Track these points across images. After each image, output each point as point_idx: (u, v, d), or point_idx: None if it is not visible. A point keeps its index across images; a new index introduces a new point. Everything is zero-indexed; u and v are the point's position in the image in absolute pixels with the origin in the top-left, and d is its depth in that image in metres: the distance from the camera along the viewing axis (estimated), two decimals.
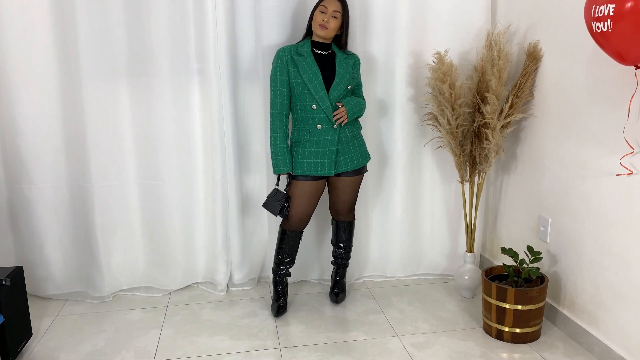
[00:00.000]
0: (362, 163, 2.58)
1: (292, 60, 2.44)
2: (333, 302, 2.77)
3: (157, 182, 2.80)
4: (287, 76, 2.45)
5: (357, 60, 2.58)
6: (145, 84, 2.69)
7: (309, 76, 2.43)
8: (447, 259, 3.06)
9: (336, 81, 2.46)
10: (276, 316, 2.63)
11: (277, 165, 2.47)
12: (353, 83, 2.55)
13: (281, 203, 2.49)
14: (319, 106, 2.44)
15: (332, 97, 2.45)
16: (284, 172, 2.47)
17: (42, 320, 2.64)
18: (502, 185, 2.92)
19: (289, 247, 2.60)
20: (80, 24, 2.54)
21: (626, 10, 1.67)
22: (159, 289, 2.93)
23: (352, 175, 2.58)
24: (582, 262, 2.30)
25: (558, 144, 2.40)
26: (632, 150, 1.96)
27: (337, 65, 2.48)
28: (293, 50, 2.46)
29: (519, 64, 2.63)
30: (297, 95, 2.47)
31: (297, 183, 2.51)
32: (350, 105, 2.50)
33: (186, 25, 2.65)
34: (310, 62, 2.44)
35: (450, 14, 2.76)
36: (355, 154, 2.55)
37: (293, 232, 2.58)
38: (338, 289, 2.79)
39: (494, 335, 2.40)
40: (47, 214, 2.75)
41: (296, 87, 2.45)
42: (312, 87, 2.43)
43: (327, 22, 2.41)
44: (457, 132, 2.61)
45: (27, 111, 2.62)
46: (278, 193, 2.51)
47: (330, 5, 2.42)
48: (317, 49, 2.49)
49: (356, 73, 2.57)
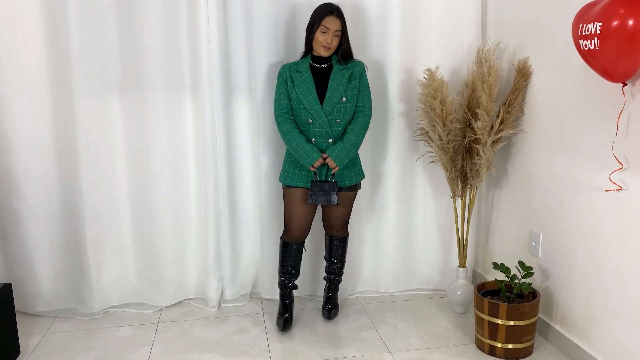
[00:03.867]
0: (355, 180, 2.57)
1: (290, 77, 2.48)
2: (325, 318, 2.75)
3: (148, 197, 2.78)
4: (287, 91, 2.49)
5: (357, 69, 2.51)
6: (138, 99, 2.69)
7: (303, 92, 2.45)
8: (439, 273, 3.05)
9: (328, 95, 2.46)
10: (283, 330, 2.61)
11: (309, 154, 2.41)
12: (350, 95, 2.48)
13: (333, 189, 2.44)
14: (314, 120, 2.45)
15: (326, 110, 2.45)
16: (317, 158, 2.41)
17: (31, 337, 2.61)
18: (494, 200, 2.93)
19: (292, 259, 2.60)
20: (73, 38, 2.54)
21: (612, 29, 1.70)
22: (150, 305, 2.90)
23: (346, 191, 2.57)
24: (573, 277, 2.30)
25: (549, 159, 2.42)
26: (620, 166, 1.98)
27: (331, 78, 2.47)
28: (293, 68, 2.50)
29: (509, 80, 2.66)
30: (294, 110, 2.50)
31: (293, 193, 2.51)
32: (336, 152, 2.43)
33: (179, 40, 2.66)
34: (306, 77, 2.46)
35: (441, 30, 2.79)
36: (349, 171, 2.53)
37: (294, 243, 2.57)
38: (330, 305, 2.77)
39: (487, 351, 2.39)
40: (37, 229, 2.73)
41: (293, 102, 2.49)
42: (306, 102, 2.45)
43: (330, 43, 2.43)
44: (448, 147, 2.62)
45: (17, 125, 2.61)
46: (321, 184, 2.45)
47: (332, 25, 2.42)
48: (317, 63, 2.50)
49: (354, 82, 2.49)
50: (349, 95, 2.49)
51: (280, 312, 2.66)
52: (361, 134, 2.50)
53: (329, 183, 2.46)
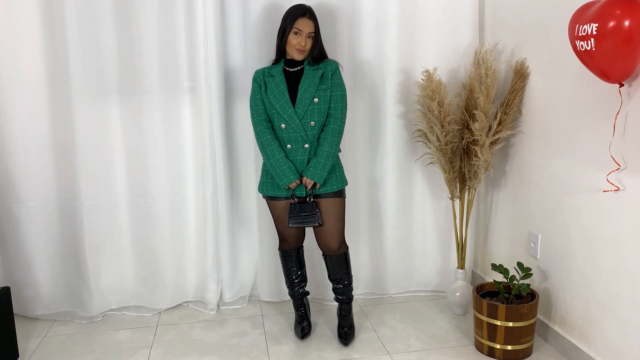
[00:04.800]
0: (336, 187, 2.41)
1: (264, 82, 2.40)
2: (341, 343, 2.51)
3: (147, 200, 2.79)
4: (262, 96, 2.40)
5: (329, 68, 2.39)
6: (136, 102, 2.69)
7: (275, 96, 2.36)
8: (438, 275, 3.05)
9: (299, 97, 2.35)
10: (302, 339, 2.58)
11: (285, 175, 2.33)
12: (322, 95, 2.36)
13: (313, 210, 2.36)
14: (287, 125, 2.36)
15: (299, 113, 2.35)
16: (294, 180, 2.33)
17: (30, 341, 2.60)
18: (492, 201, 2.93)
19: (295, 266, 2.57)
20: (71, 42, 2.55)
21: (609, 30, 1.70)
22: (149, 308, 2.89)
23: (331, 197, 2.41)
24: (572, 278, 2.30)
25: (546, 160, 2.42)
26: (618, 167, 1.98)
27: (302, 79, 2.37)
28: (266, 72, 2.42)
29: (506, 81, 2.66)
30: (269, 116, 2.41)
31: (276, 206, 2.47)
32: (311, 171, 2.33)
33: (177, 43, 2.66)
34: (279, 81, 2.38)
35: (438, 32, 2.79)
36: (328, 177, 2.39)
37: (292, 250, 2.56)
38: (346, 326, 2.55)
39: (486, 352, 2.39)
40: (36, 232, 2.73)
41: (267, 107, 2.39)
42: (279, 106, 2.36)
43: (304, 46, 2.34)
44: (446, 148, 2.62)
45: (16, 129, 2.62)
46: (300, 205, 2.37)
47: (305, 27, 2.33)
48: (290, 66, 2.42)
49: (326, 83, 2.37)
50: (321, 96, 2.37)
51: (297, 321, 2.63)
52: (334, 142, 2.37)
53: (308, 204, 2.36)
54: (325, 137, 2.37)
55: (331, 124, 2.38)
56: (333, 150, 2.37)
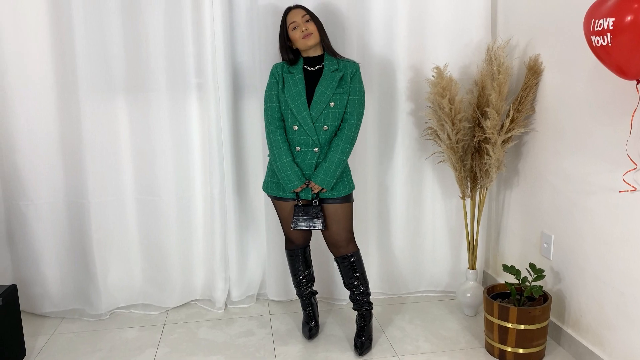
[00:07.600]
0: (344, 192, 2.33)
1: (282, 78, 2.32)
2: (357, 354, 2.40)
3: (154, 197, 2.77)
4: (278, 93, 2.32)
5: (349, 70, 2.29)
6: (143, 99, 2.68)
7: (292, 95, 2.28)
8: (449, 275, 3.00)
9: (315, 99, 2.26)
10: (309, 339, 2.55)
11: (290, 180, 2.27)
12: (339, 99, 2.27)
13: (318, 214, 2.30)
14: (300, 127, 2.28)
15: (313, 116, 2.27)
16: (298, 185, 2.27)
17: (37, 338, 2.61)
18: (504, 200, 2.87)
19: (301, 266, 2.54)
20: (78, 40, 2.54)
21: (626, 24, 1.64)
22: (157, 307, 2.89)
23: (340, 202, 2.34)
24: (586, 280, 2.24)
25: (560, 159, 2.36)
26: (635, 166, 1.92)
27: (320, 81, 2.28)
28: (285, 68, 2.34)
29: (519, 78, 2.60)
30: (282, 115, 2.34)
31: (282, 208, 2.42)
32: (320, 177, 2.26)
33: (184, 40, 2.64)
34: (298, 79, 2.29)
35: (449, 28, 2.73)
36: (336, 183, 2.31)
37: (298, 249, 2.53)
38: (364, 336, 2.43)
39: (497, 355, 2.34)
40: (44, 230, 2.73)
41: (282, 105, 2.32)
42: (294, 107, 2.27)
43: (307, 29, 2.25)
44: (457, 147, 2.57)
45: (23, 127, 2.62)
46: (305, 208, 2.31)
47: (296, 16, 2.27)
48: (309, 65, 2.34)
49: (345, 87, 2.28)
50: (338, 100, 2.27)
51: (305, 321, 2.61)
52: (347, 149, 2.29)
53: (313, 207, 2.31)
54: (338, 143, 2.29)
55: (345, 130, 2.29)
56: (344, 158, 2.29)
